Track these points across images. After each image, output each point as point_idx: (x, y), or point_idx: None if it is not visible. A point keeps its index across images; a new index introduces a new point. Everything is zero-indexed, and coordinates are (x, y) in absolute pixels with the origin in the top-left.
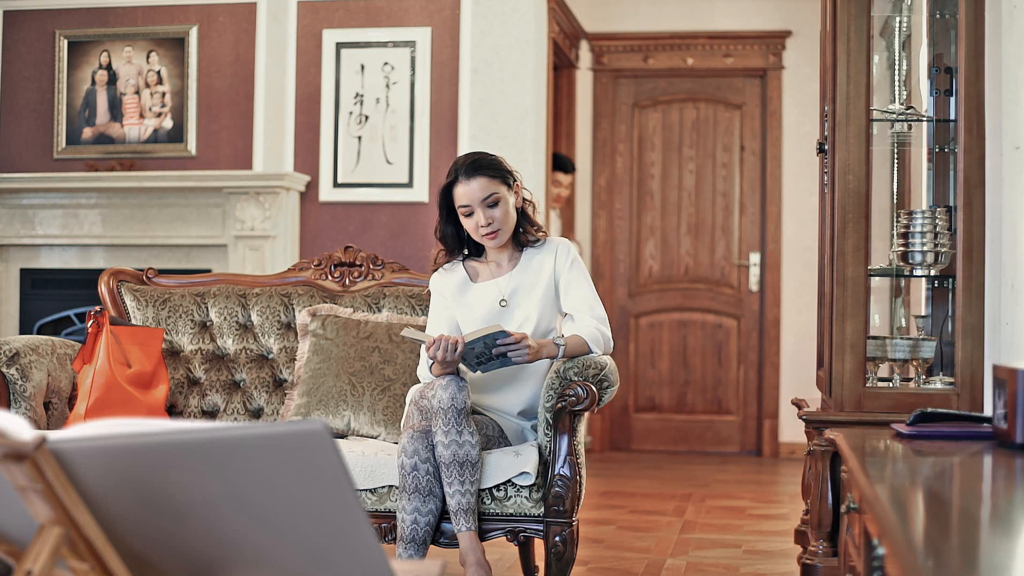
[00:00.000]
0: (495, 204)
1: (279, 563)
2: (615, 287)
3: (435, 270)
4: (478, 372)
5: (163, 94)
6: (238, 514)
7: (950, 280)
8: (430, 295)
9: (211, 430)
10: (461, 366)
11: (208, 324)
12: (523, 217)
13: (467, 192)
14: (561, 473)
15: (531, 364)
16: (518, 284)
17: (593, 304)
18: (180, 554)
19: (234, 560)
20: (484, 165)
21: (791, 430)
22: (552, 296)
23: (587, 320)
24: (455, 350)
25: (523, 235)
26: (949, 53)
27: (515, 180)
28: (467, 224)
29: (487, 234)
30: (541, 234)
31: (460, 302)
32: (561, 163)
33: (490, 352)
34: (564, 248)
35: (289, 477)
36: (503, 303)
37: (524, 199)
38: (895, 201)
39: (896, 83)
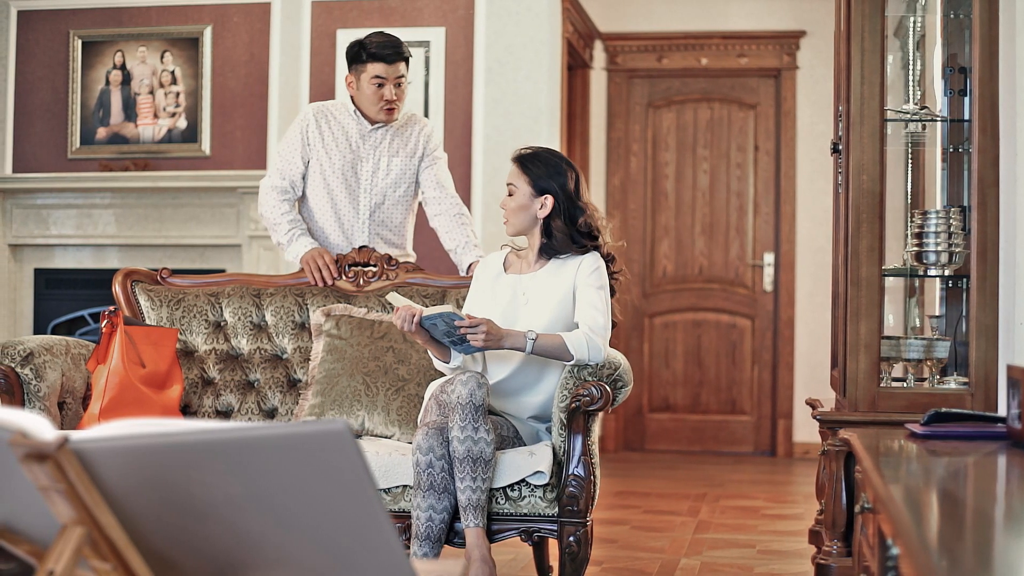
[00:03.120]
0: (511, 194)
1: (300, 563)
2: (629, 287)
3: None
4: (460, 354)
5: (177, 94)
6: (259, 514)
7: (964, 280)
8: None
9: (232, 430)
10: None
11: (222, 324)
12: (547, 234)
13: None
14: (575, 473)
15: (546, 369)
16: (536, 285)
17: (594, 313)
18: (202, 554)
19: (255, 560)
20: (524, 159)
21: (805, 430)
22: (568, 306)
23: (582, 327)
24: (411, 322)
25: (549, 248)
26: (963, 53)
27: (548, 193)
28: None
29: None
30: (574, 252)
31: (490, 288)
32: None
33: (455, 332)
34: (589, 260)
35: (310, 477)
36: (524, 299)
37: (556, 220)
38: (909, 201)
39: (910, 83)
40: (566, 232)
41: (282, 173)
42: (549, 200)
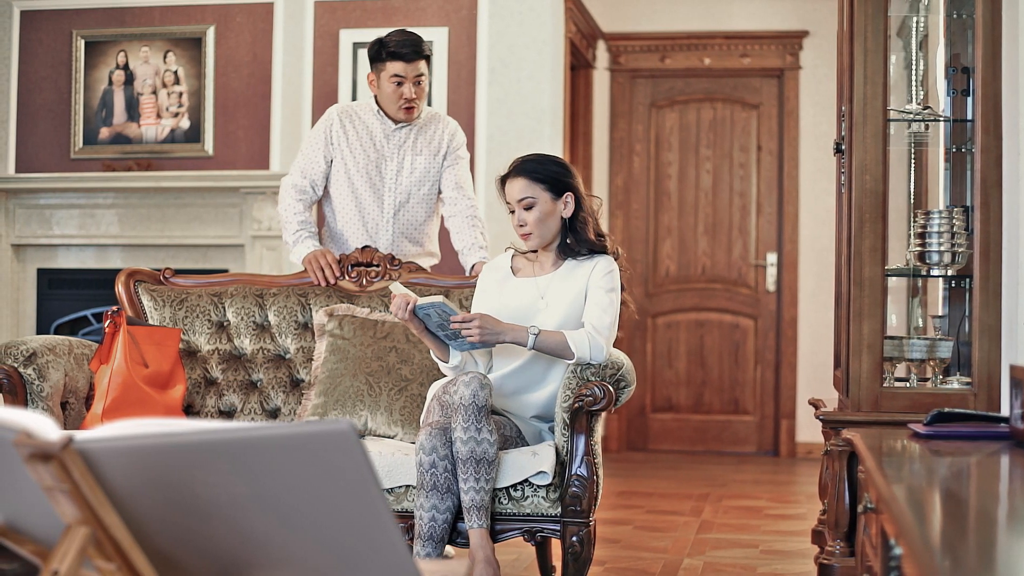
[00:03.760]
0: (529, 208)
1: (305, 563)
2: (632, 287)
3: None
4: (459, 353)
5: (180, 94)
6: (264, 514)
7: (967, 280)
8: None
9: (237, 430)
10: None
11: (225, 324)
12: (571, 230)
13: (509, 190)
14: (578, 473)
15: (548, 368)
16: (554, 288)
17: (600, 313)
18: (206, 554)
19: (260, 560)
20: (529, 169)
21: (808, 430)
22: (580, 308)
23: (586, 326)
24: (404, 309)
25: (570, 246)
26: (966, 53)
27: (568, 191)
28: (511, 219)
29: (520, 234)
30: (591, 251)
31: (498, 293)
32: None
33: (449, 326)
34: (603, 263)
35: (315, 477)
36: (543, 303)
37: (580, 213)
38: (912, 201)
39: (913, 83)
40: (590, 223)
41: (303, 172)
42: (571, 197)
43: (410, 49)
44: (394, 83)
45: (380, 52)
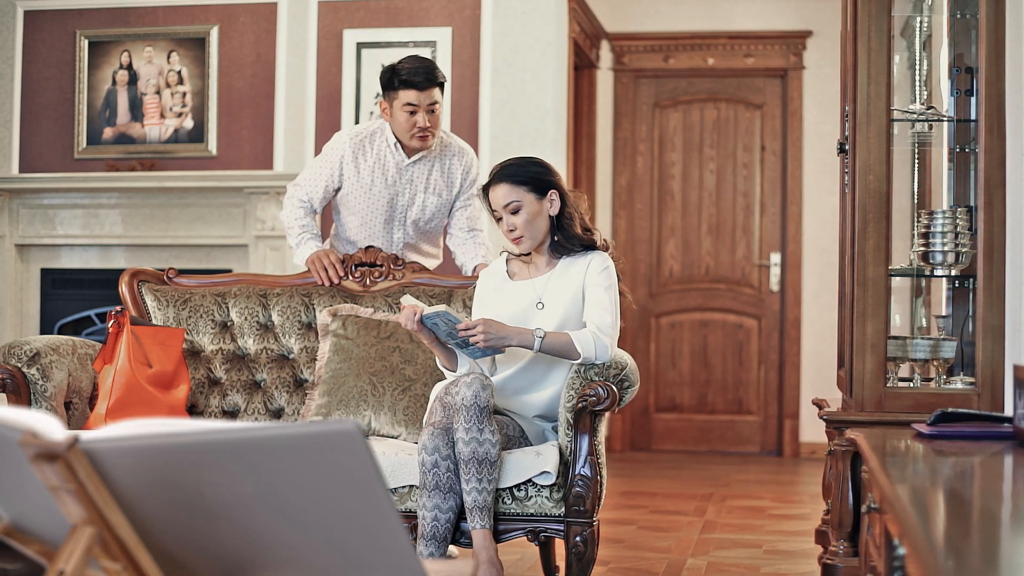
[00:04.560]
0: (516, 211)
1: (311, 563)
2: (636, 287)
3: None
4: (471, 358)
5: (184, 94)
6: (270, 514)
7: (971, 280)
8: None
9: (243, 430)
10: (453, 347)
11: (229, 324)
12: (560, 228)
13: (493, 197)
14: (582, 473)
15: (551, 368)
16: (551, 289)
17: (602, 312)
18: (212, 554)
19: (266, 560)
20: (509, 173)
21: (812, 430)
22: (579, 306)
23: (589, 326)
24: (412, 320)
25: (560, 244)
26: (970, 53)
27: (552, 188)
28: (499, 226)
29: (511, 239)
30: (582, 246)
31: (495, 298)
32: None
33: (457, 335)
34: (598, 260)
35: (321, 477)
36: (540, 306)
37: (566, 209)
38: (916, 201)
39: (917, 83)
40: (576, 218)
41: (306, 190)
42: (556, 195)
43: (423, 77)
44: (407, 111)
45: (392, 80)
